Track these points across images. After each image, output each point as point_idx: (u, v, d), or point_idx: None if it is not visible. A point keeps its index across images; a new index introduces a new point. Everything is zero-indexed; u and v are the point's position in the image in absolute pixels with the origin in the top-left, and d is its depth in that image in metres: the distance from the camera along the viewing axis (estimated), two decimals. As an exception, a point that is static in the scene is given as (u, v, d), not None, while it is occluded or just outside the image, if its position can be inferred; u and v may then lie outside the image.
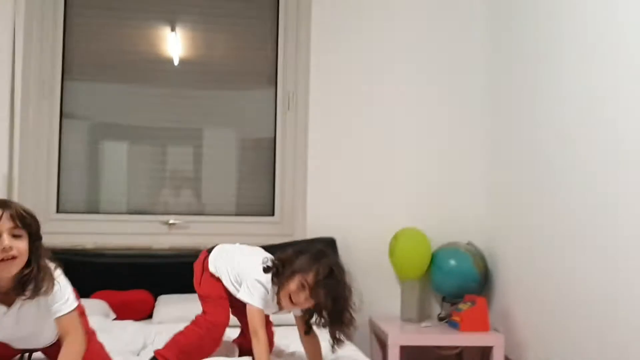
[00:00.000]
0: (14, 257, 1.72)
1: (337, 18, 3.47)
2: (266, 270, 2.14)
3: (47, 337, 1.95)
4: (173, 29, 3.64)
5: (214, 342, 2.18)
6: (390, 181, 3.46)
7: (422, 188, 3.47)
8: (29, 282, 1.77)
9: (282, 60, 3.63)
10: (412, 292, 3.28)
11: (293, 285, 2.04)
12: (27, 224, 1.76)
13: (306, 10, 3.52)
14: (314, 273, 2.03)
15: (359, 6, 3.49)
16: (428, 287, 3.39)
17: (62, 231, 3.32)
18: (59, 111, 3.47)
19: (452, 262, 3.22)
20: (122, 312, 2.82)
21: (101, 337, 2.40)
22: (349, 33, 3.47)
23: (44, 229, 1.85)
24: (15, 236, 1.73)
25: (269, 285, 2.11)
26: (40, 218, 1.84)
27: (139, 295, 2.99)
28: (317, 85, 3.46)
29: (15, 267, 1.74)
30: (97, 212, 3.50)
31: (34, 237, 1.79)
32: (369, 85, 3.48)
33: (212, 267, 2.28)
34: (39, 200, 3.36)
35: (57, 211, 3.45)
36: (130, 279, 3.03)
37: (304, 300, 2.05)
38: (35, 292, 1.77)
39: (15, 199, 3.10)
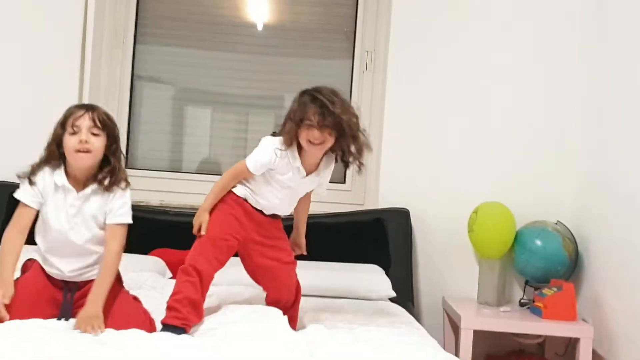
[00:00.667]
0: (88, 151, 1.92)
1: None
2: (274, 135, 2.12)
3: (84, 250, 1.98)
4: None
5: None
6: (472, 151, 3.20)
7: (507, 160, 3.19)
8: (105, 176, 1.97)
9: (362, 17, 3.41)
10: (492, 272, 3.01)
11: (302, 129, 2.02)
12: (106, 125, 1.97)
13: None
14: (310, 106, 2.02)
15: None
16: (510, 269, 3.12)
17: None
18: (131, 72, 3.41)
19: (539, 242, 2.94)
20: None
21: (153, 294, 2.32)
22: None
23: None
24: (94, 134, 1.94)
25: (283, 155, 2.07)
26: None
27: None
28: (398, 45, 3.22)
29: (89, 160, 1.94)
30: (166, 170, 3.45)
31: (111, 139, 1.99)
32: (454, 48, 3.21)
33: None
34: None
35: (125, 167, 3.38)
36: (191, 238, 2.92)
37: (319, 134, 2.01)
38: (111, 184, 1.97)
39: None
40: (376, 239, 3.05)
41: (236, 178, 2.14)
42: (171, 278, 2.64)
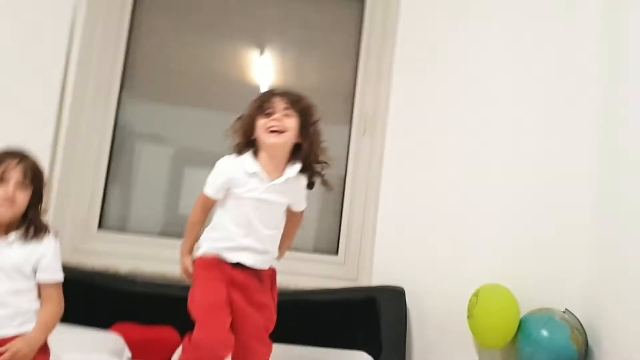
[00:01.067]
0: (11, 204, 1.87)
1: (424, 35, 3.08)
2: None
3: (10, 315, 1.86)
4: (261, 52, 3.37)
5: None
6: (473, 229, 2.97)
7: (511, 239, 2.95)
8: (27, 226, 1.91)
9: (362, 80, 3.26)
10: None
11: (259, 121, 1.98)
12: (35, 179, 1.92)
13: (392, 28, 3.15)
14: (268, 95, 2.01)
15: (448, 24, 3.09)
16: (513, 360, 2.84)
17: (101, 250, 3.03)
18: (113, 125, 3.22)
19: (544, 332, 2.68)
20: (142, 351, 2.44)
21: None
22: (436, 54, 3.06)
23: (84, 246, 1.99)
24: (20, 187, 1.89)
25: (241, 163, 1.99)
26: (80, 233, 2.03)
27: (164, 333, 2.60)
28: (398, 108, 3.07)
29: (8, 214, 1.88)
30: (135, 232, 3.20)
31: (37, 193, 1.94)
32: (455, 114, 3.04)
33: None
34: (80, 214, 3.09)
35: (99, 227, 3.16)
36: (162, 311, 2.68)
37: (280, 117, 1.97)
38: (31, 233, 1.91)
39: (52, 208, 2.83)
40: (368, 321, 2.80)
41: (203, 210, 2.09)
42: (131, 359, 2.37)
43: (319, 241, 3.27)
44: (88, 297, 2.57)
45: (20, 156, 1.92)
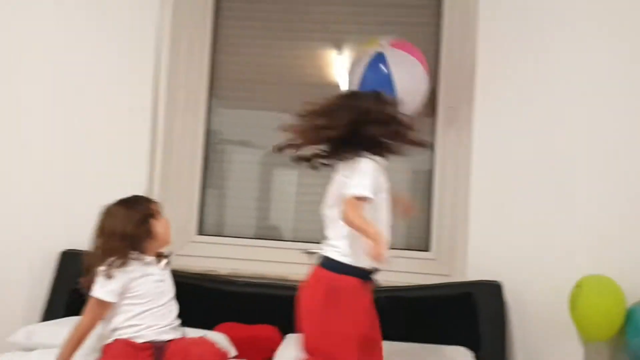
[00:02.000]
0: None
1: (507, 24, 2.99)
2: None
3: None
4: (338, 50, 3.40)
5: None
6: (572, 217, 2.88)
7: (613, 226, 2.84)
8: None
9: (444, 73, 3.23)
10: (600, 357, 2.70)
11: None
12: None
13: (473, 19, 3.08)
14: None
15: (532, 14, 2.99)
16: (620, 353, 2.74)
17: (200, 254, 3.17)
18: (205, 132, 3.35)
19: (654, 322, 2.57)
20: (245, 349, 2.52)
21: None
22: (522, 39, 2.98)
23: (184, 251, 2.29)
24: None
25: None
26: (180, 239, 2.37)
27: (266, 331, 2.69)
28: (483, 100, 2.99)
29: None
30: (234, 236, 3.30)
31: None
32: (545, 102, 2.94)
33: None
34: (179, 220, 3.23)
35: (198, 233, 3.30)
36: (262, 311, 2.77)
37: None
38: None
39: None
40: (464, 316, 2.76)
41: (359, 215, 1.83)
42: (235, 357, 2.45)
43: (410, 237, 3.26)
44: (192, 299, 2.67)
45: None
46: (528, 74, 2.97)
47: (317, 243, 2.15)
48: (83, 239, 2.88)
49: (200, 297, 2.73)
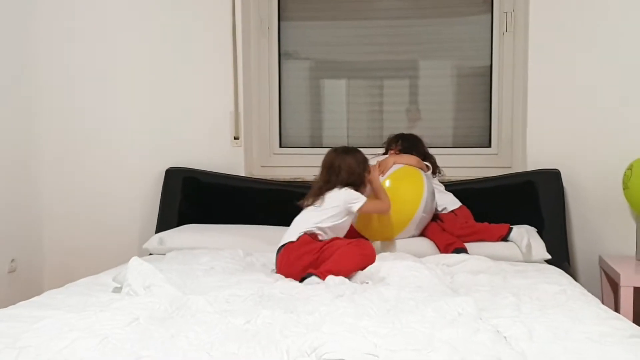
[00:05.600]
0: None
1: None
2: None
3: None
4: None
5: None
6: (623, 104, 3.09)
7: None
8: None
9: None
10: None
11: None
12: None
13: None
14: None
15: None
16: (670, 225, 3.02)
17: (285, 164, 3.51)
18: (277, 50, 3.61)
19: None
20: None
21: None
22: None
23: (269, 162, 1.95)
24: None
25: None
26: (265, 152, 1.93)
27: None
28: (538, 5, 3.16)
29: None
30: (319, 147, 3.54)
31: None
32: (600, 3, 3.09)
33: None
34: (263, 135, 3.58)
35: (280, 145, 3.63)
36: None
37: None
38: None
39: (241, 135, 3.35)
40: (527, 201, 3.05)
41: None
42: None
43: (472, 136, 3.52)
44: (280, 203, 3.00)
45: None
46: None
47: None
48: (181, 158, 3.36)
49: (289, 200, 2.82)
